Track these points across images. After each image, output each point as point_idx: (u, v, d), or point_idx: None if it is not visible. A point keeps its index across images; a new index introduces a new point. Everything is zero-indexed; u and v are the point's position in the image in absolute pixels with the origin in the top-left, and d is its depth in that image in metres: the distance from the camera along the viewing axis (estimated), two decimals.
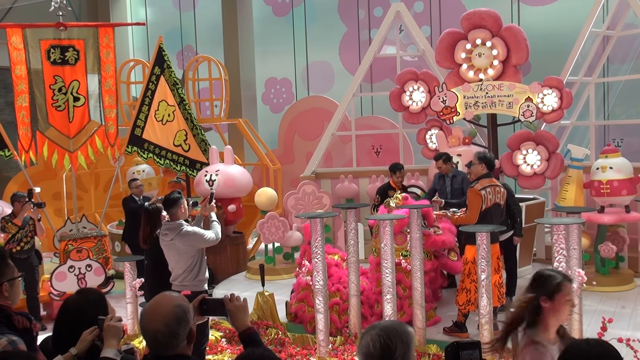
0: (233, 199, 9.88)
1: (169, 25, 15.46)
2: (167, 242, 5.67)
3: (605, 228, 8.33)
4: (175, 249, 5.64)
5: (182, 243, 5.58)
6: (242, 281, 9.32)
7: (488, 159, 6.48)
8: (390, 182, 8.87)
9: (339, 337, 6.50)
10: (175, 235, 5.58)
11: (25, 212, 7.88)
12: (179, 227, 5.61)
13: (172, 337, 2.56)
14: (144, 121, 10.11)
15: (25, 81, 9.34)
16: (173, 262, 5.74)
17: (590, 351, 2.28)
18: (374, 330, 2.40)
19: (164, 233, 5.71)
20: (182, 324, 2.59)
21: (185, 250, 5.61)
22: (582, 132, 10.10)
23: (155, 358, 2.67)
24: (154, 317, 2.59)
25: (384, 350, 2.34)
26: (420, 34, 10.38)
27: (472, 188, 6.36)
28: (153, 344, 2.62)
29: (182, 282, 5.67)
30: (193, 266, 5.65)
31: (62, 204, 11.67)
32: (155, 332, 2.57)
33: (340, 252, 7.57)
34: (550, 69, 9.34)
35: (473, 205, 6.29)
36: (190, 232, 5.61)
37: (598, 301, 7.43)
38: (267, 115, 14.46)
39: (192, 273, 5.64)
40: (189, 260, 5.63)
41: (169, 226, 5.70)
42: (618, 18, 9.49)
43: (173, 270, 5.76)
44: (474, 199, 6.29)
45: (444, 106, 9.17)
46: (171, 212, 5.73)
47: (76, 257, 8.56)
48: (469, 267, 6.24)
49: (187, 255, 5.62)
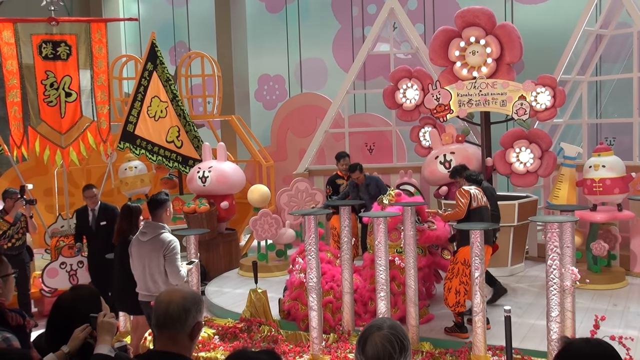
0: (226, 196, 9.85)
1: (161, 21, 15.39)
2: (142, 241, 5.38)
3: (597, 226, 8.36)
4: (147, 250, 5.35)
5: (156, 247, 5.30)
6: (234, 278, 9.30)
7: (458, 170, 6.90)
8: (337, 172, 9.20)
9: (332, 334, 6.49)
10: (153, 237, 5.31)
11: (17, 209, 7.84)
12: (161, 229, 5.36)
13: (183, 310, 2.61)
14: (137, 117, 10.07)
15: (16, 76, 9.27)
16: (139, 269, 5.44)
17: (590, 351, 2.23)
18: (383, 331, 2.33)
19: (143, 232, 5.45)
20: (196, 306, 2.66)
21: (157, 256, 5.34)
22: (575, 130, 10.13)
23: (153, 355, 2.66)
24: (174, 291, 2.70)
25: (400, 348, 2.30)
26: (414, 31, 10.38)
27: (460, 188, 6.50)
28: (162, 316, 2.62)
29: (150, 290, 5.39)
30: (163, 273, 5.37)
31: (54, 200, 11.60)
32: (170, 302, 2.62)
33: (331, 249, 7.55)
34: (544, 67, 9.36)
35: (461, 201, 6.36)
36: (170, 243, 5.32)
37: (590, 299, 7.46)
38: (260, 112, 14.43)
39: (160, 277, 5.37)
40: (160, 267, 5.36)
41: (150, 225, 5.42)
42: (611, 17, 9.52)
43: (139, 279, 5.47)
44: (463, 196, 6.37)
45: (438, 104, 9.17)
46: (156, 213, 5.47)
47: (68, 253, 8.52)
48: (458, 268, 6.26)
49: (157, 261, 5.35)
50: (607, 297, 7.59)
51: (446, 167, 9.04)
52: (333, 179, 9.24)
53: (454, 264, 6.34)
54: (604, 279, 8.03)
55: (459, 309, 6.32)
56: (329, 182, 9.28)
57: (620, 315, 6.87)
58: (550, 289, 5.34)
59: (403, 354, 2.31)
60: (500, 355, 5.78)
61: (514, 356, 5.50)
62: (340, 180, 9.13)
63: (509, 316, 5.02)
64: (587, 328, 5.75)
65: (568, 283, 5.41)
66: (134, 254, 5.53)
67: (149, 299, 5.32)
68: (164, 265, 5.38)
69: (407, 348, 2.32)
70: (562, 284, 5.38)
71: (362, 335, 2.38)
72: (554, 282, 5.31)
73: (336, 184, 9.13)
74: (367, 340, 2.33)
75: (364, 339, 2.35)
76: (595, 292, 7.70)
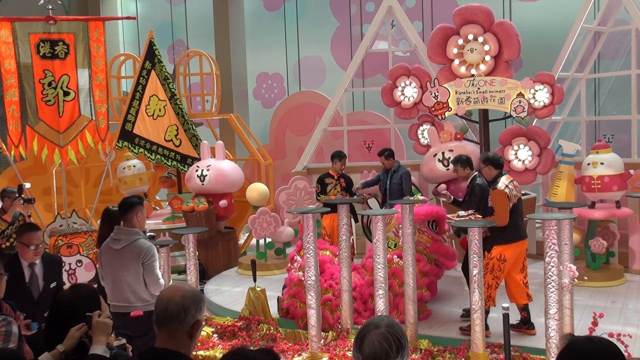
0: (224, 195, 9.86)
1: (159, 20, 15.37)
2: (115, 249, 4.98)
3: (595, 223, 8.36)
4: (123, 259, 4.95)
5: (133, 255, 4.94)
6: (233, 277, 9.30)
7: (491, 158, 6.48)
8: (329, 171, 9.12)
9: (330, 332, 6.50)
10: (129, 245, 4.95)
11: (15, 208, 7.82)
12: (135, 235, 4.99)
13: (182, 308, 2.60)
14: (135, 116, 10.06)
15: (14, 75, 9.25)
16: (111, 279, 5.01)
17: (593, 350, 2.21)
18: (380, 329, 2.32)
19: (115, 239, 5.02)
20: (196, 305, 2.64)
21: (135, 265, 4.95)
22: (573, 127, 10.13)
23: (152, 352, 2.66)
24: (175, 289, 2.68)
25: (397, 346, 2.30)
26: (412, 29, 10.37)
27: (496, 189, 6.20)
28: (162, 313, 2.61)
29: (129, 301, 4.99)
30: (142, 282, 4.99)
31: (52, 199, 11.59)
32: (170, 300, 2.62)
33: (331, 248, 7.56)
34: (542, 64, 9.36)
35: (502, 205, 6.12)
36: (148, 250, 4.94)
37: (589, 296, 7.47)
38: (259, 110, 14.42)
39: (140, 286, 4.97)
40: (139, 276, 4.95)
41: (123, 231, 5.01)
42: (609, 14, 9.52)
43: (112, 290, 5.04)
44: (501, 199, 6.13)
45: (436, 102, 9.17)
46: (125, 217, 5.05)
47: (66, 252, 8.52)
48: (493, 263, 6.18)
49: (135, 270, 4.94)
50: (605, 294, 7.60)
51: (445, 165, 9.04)
52: (323, 177, 9.14)
53: (488, 260, 6.19)
54: (603, 276, 8.04)
55: (489, 303, 6.22)
56: (318, 180, 9.22)
57: (618, 313, 6.87)
58: (548, 287, 5.34)
59: (400, 352, 2.31)
60: (498, 353, 5.79)
61: (513, 353, 5.50)
62: (329, 180, 9.05)
63: (507, 313, 5.02)
64: (585, 325, 5.76)
65: (566, 280, 5.40)
66: (104, 263, 5.08)
67: (127, 310, 4.98)
68: (143, 274, 4.99)
69: (405, 347, 2.32)
70: (561, 281, 5.38)
71: (359, 334, 2.38)
72: (552, 279, 5.32)
73: (325, 183, 9.04)
74: (365, 338, 2.33)
75: (361, 337, 2.35)
76: (593, 290, 7.71)
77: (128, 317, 4.99)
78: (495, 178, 6.37)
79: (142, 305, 5.00)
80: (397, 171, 8.78)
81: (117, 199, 12.68)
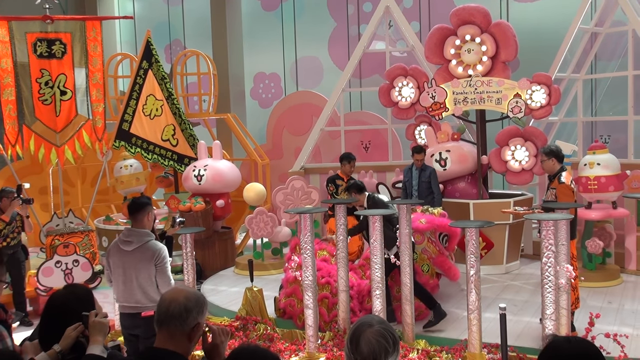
0: (221, 194, 9.85)
1: (157, 19, 15.36)
2: (127, 251, 4.95)
3: (592, 224, 8.38)
4: (135, 261, 4.94)
5: (145, 256, 4.92)
6: (230, 276, 9.30)
7: (555, 151, 6.35)
8: (339, 173, 8.92)
9: (327, 332, 6.49)
10: (141, 246, 4.93)
11: (13, 208, 7.80)
12: (147, 236, 4.97)
13: (184, 310, 2.61)
14: (132, 115, 10.04)
15: (11, 74, 9.23)
16: (122, 280, 4.98)
17: (571, 350, 2.22)
18: (374, 327, 2.32)
19: (126, 240, 4.98)
20: (198, 307, 2.65)
21: (147, 266, 4.93)
22: (570, 128, 10.15)
23: (150, 351, 2.65)
24: (179, 291, 2.70)
25: (393, 341, 2.30)
26: (409, 29, 10.38)
27: (563, 183, 6.14)
28: (164, 313, 2.62)
29: (140, 302, 4.97)
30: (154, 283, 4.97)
31: (49, 199, 11.58)
32: (172, 300, 2.63)
33: (328, 248, 7.55)
34: (539, 65, 9.38)
35: (570, 200, 6.10)
36: (160, 252, 4.92)
37: (585, 296, 7.47)
38: (256, 110, 14.42)
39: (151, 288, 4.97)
40: (151, 278, 4.93)
41: (134, 232, 4.98)
42: (606, 15, 9.54)
43: (122, 291, 5.01)
44: (570, 194, 6.11)
45: (433, 102, 9.18)
46: (136, 217, 5.02)
47: (63, 252, 8.49)
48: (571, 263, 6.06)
49: (148, 271, 4.93)
50: (602, 294, 7.61)
51: (442, 165, 9.05)
52: (334, 178, 8.87)
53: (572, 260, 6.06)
54: (599, 277, 8.05)
55: (577, 304, 6.13)
56: (330, 180, 8.89)
57: (615, 313, 6.88)
58: (545, 287, 5.34)
59: (396, 347, 2.32)
60: (495, 353, 5.79)
61: (509, 354, 5.51)
62: (340, 181, 8.90)
63: (504, 314, 5.03)
64: (582, 325, 5.76)
65: (563, 281, 5.41)
66: (115, 264, 5.05)
67: (137, 310, 4.98)
68: (155, 276, 4.98)
69: (398, 341, 2.34)
70: (557, 281, 5.39)
71: (353, 335, 2.34)
72: (549, 279, 5.32)
73: (337, 184, 8.88)
74: (360, 338, 2.31)
75: (355, 338, 2.32)
76: (590, 290, 7.72)
77: (138, 317, 4.98)
78: (558, 172, 6.28)
79: (153, 305, 4.87)
80: (424, 169, 8.64)
81: (113, 199, 12.74)
